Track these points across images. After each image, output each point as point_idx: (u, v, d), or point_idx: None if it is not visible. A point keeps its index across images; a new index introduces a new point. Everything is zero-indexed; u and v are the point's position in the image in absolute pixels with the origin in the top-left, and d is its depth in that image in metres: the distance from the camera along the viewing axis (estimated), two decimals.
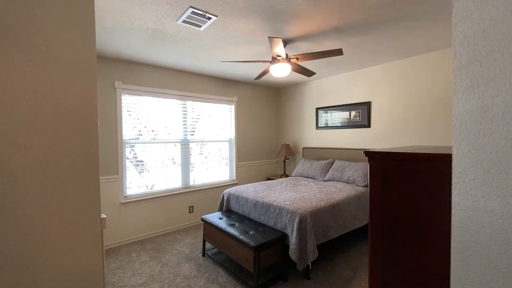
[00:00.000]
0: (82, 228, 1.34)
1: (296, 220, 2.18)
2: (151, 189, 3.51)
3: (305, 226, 2.17)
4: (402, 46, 2.79)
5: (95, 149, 1.42)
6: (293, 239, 2.15)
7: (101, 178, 3.00)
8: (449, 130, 2.87)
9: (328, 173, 3.61)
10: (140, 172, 3.38)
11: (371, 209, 1.37)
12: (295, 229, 2.16)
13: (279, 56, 2.49)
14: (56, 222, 1.17)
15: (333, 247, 2.97)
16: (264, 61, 2.60)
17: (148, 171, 3.45)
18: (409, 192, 1.23)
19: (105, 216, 1.44)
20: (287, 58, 2.59)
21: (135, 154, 3.34)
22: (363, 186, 3.11)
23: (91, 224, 1.38)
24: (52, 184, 1.15)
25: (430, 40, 2.61)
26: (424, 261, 1.16)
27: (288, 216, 2.27)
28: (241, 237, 2.24)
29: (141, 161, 3.39)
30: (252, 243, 2.09)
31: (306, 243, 2.14)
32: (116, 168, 3.14)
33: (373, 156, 1.37)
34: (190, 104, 3.82)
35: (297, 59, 2.58)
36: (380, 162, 1.35)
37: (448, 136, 2.90)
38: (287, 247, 2.30)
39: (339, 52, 2.38)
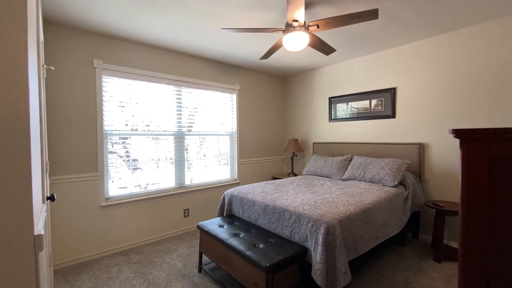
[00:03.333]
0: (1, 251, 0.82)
1: (322, 230, 1.66)
2: (144, 189, 2.98)
3: (334, 238, 1.64)
4: (448, 13, 2.27)
5: (22, 138, 0.88)
6: (317, 256, 1.62)
7: (74, 176, 2.47)
8: None
9: (347, 171, 3.08)
10: (126, 169, 2.85)
11: (469, 214, 0.85)
12: (320, 243, 1.63)
13: (296, 21, 1.96)
14: None
15: (358, 260, 2.44)
16: (275, 30, 2.07)
17: (141, 170, 2.92)
18: None
19: (42, 233, 0.91)
20: (305, 26, 2.07)
21: (120, 148, 2.80)
22: (392, 186, 2.59)
23: (17, 245, 0.86)
24: None
25: (486, 4, 2.09)
26: None
27: (310, 225, 1.75)
28: (248, 252, 1.71)
29: (128, 156, 2.85)
30: (263, 262, 1.57)
31: (335, 262, 1.62)
32: (95, 165, 2.61)
33: (472, 137, 0.85)
34: (185, 91, 3.29)
35: (318, 26, 2.05)
36: (486, 145, 0.82)
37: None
38: (308, 264, 1.78)
39: (373, 14, 1.86)
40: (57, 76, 2.39)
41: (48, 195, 1.49)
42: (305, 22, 2.06)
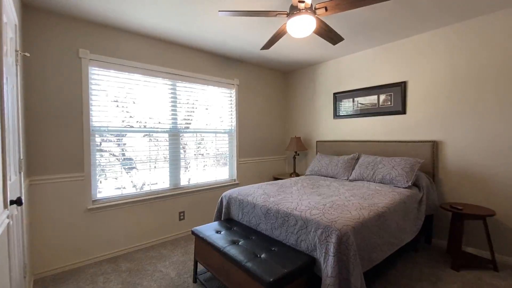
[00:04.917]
0: None
1: (333, 239, 1.44)
2: (140, 189, 2.77)
3: (347, 248, 1.43)
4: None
5: None
6: (328, 269, 1.41)
7: (57, 176, 2.25)
8: None
9: (354, 170, 2.87)
10: (117, 169, 2.63)
11: None
12: (331, 254, 1.42)
13: (302, 2, 1.75)
14: None
15: (370, 270, 2.23)
16: (278, 13, 1.86)
17: (137, 170, 2.70)
18: None
19: None
20: (312, 9, 1.85)
21: (110, 145, 2.58)
22: (405, 188, 2.37)
23: None
24: None
25: None
26: None
27: (319, 232, 1.53)
28: (248, 264, 1.50)
29: (119, 154, 2.63)
30: (266, 277, 1.35)
31: (349, 275, 1.40)
32: (81, 164, 2.39)
33: None
34: (180, 85, 3.07)
35: (326, 9, 1.84)
36: None
37: None
38: (316, 276, 1.57)
39: None
40: (39, 66, 2.17)
41: (14, 199, 1.27)
42: (312, 5, 1.85)
